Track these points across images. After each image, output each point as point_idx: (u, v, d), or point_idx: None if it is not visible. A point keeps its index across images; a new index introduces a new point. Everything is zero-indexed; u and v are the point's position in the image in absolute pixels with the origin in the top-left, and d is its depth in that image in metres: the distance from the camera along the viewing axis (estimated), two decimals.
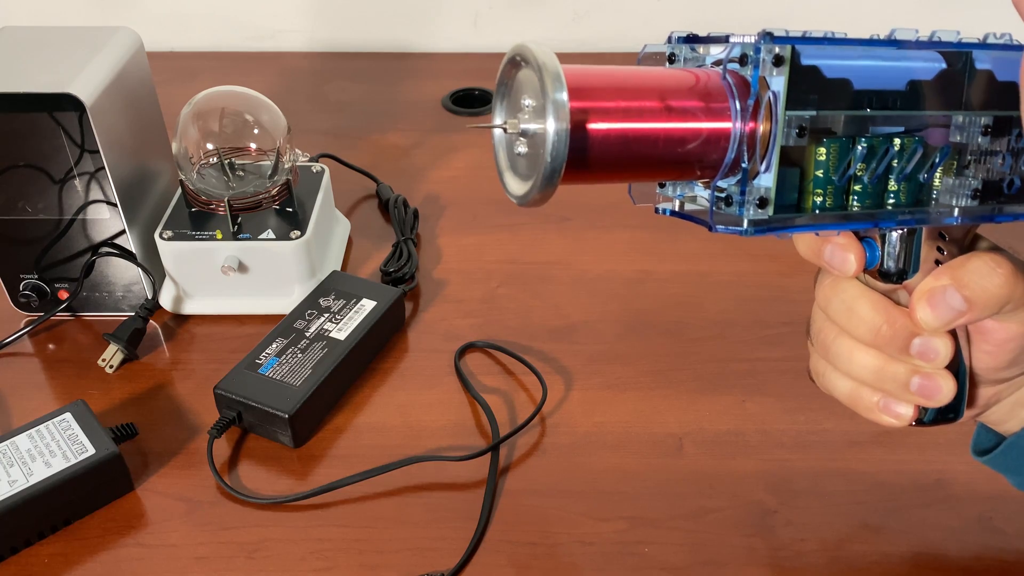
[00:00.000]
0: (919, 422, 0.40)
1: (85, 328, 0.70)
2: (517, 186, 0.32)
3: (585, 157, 0.30)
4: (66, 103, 0.60)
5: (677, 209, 0.35)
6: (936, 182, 0.35)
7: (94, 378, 0.66)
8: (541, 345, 0.68)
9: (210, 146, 0.70)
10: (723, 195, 0.32)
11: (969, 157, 0.35)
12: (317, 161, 0.81)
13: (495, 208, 0.84)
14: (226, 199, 0.68)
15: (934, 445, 0.60)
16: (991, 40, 0.35)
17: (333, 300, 0.67)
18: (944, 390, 0.38)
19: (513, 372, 0.66)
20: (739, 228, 0.32)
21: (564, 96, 0.28)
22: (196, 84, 0.73)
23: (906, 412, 0.39)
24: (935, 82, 0.34)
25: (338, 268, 0.75)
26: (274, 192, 0.70)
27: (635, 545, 0.54)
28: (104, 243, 0.68)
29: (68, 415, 0.57)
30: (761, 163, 0.31)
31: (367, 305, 0.67)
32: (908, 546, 0.54)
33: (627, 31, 1.15)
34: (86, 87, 0.61)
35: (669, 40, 0.35)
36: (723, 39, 0.32)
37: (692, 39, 0.34)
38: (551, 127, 0.29)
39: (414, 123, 0.99)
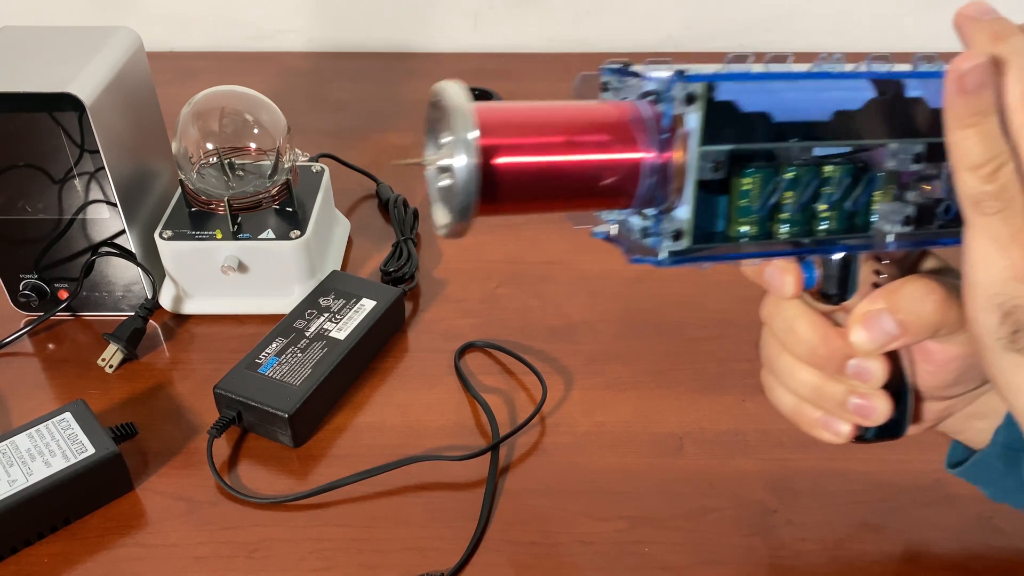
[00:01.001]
0: (860, 439, 0.41)
1: (85, 328, 0.70)
2: (441, 217, 0.33)
3: (496, 191, 0.31)
4: (66, 103, 0.60)
5: (612, 234, 0.36)
6: (875, 207, 0.35)
7: (94, 378, 0.66)
8: (541, 345, 0.68)
9: (210, 146, 0.70)
10: (641, 226, 0.33)
11: (903, 184, 0.35)
12: (317, 161, 0.81)
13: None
14: (226, 199, 0.68)
15: (934, 445, 0.59)
16: (922, 67, 0.35)
17: (333, 300, 0.67)
18: (879, 411, 0.39)
19: (513, 372, 0.66)
20: (655, 259, 0.32)
21: (471, 134, 0.29)
22: (196, 84, 0.73)
23: (845, 429, 0.40)
24: (865, 111, 0.34)
25: (338, 268, 0.75)
26: (274, 192, 0.70)
27: (635, 545, 0.54)
28: (104, 243, 0.68)
29: (68, 415, 0.57)
30: (678, 196, 0.31)
31: (367, 305, 0.67)
32: (908, 546, 0.54)
33: (628, 31, 1.15)
34: (86, 87, 0.61)
35: (602, 70, 0.35)
36: (640, 73, 0.32)
37: (622, 71, 0.34)
38: (459, 163, 0.29)
39: (414, 123, 0.99)
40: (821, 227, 0.34)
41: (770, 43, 1.12)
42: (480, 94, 1.05)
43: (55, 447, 0.55)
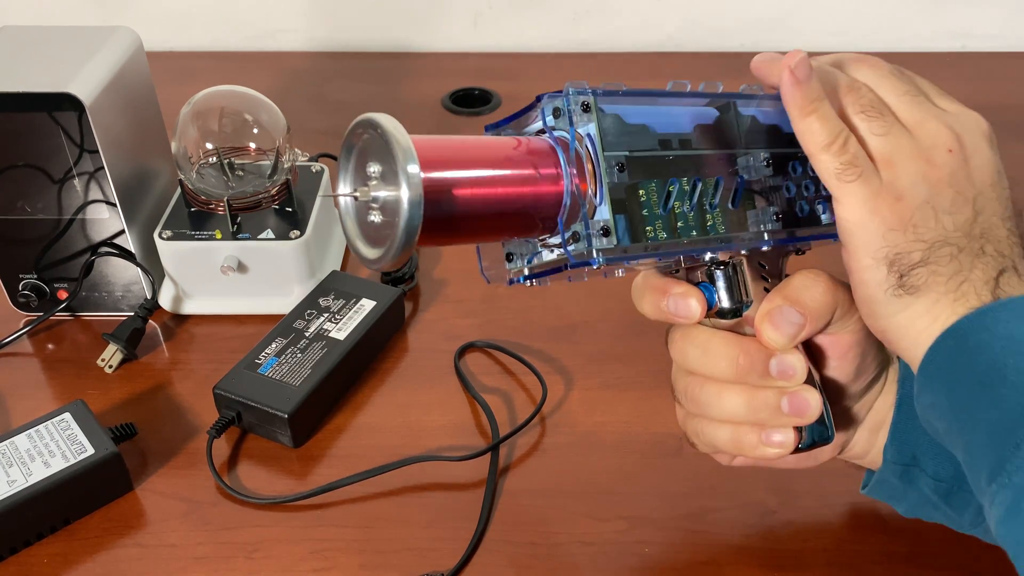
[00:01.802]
0: (797, 449, 0.42)
1: (84, 328, 0.70)
2: (370, 252, 0.34)
3: (436, 223, 0.32)
4: (65, 103, 0.60)
5: (528, 273, 0.39)
6: (749, 211, 0.40)
7: (93, 378, 0.66)
8: (541, 345, 0.68)
9: (209, 146, 0.70)
10: (570, 233, 0.36)
11: (761, 188, 0.40)
12: (317, 161, 0.81)
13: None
14: (225, 199, 0.68)
15: None
16: (744, 90, 0.41)
17: (333, 300, 0.67)
18: (812, 402, 0.41)
19: (513, 372, 0.66)
20: (592, 260, 0.35)
21: (416, 168, 0.31)
22: (196, 84, 0.73)
23: (787, 438, 0.41)
24: (716, 125, 0.39)
25: (338, 268, 0.75)
26: (273, 192, 0.70)
27: (635, 545, 0.54)
28: (103, 243, 0.68)
29: (67, 415, 0.57)
30: (596, 198, 0.35)
31: (367, 305, 0.67)
32: (908, 546, 0.54)
33: (627, 31, 1.15)
34: (85, 87, 0.61)
35: (487, 128, 0.39)
36: (532, 105, 0.37)
37: (503, 122, 0.38)
38: (405, 196, 0.30)
39: (414, 123, 0.98)
40: (710, 226, 0.39)
41: (770, 43, 1.12)
42: (480, 94, 1.05)
43: (55, 447, 0.55)
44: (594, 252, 0.35)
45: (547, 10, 1.14)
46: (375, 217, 0.33)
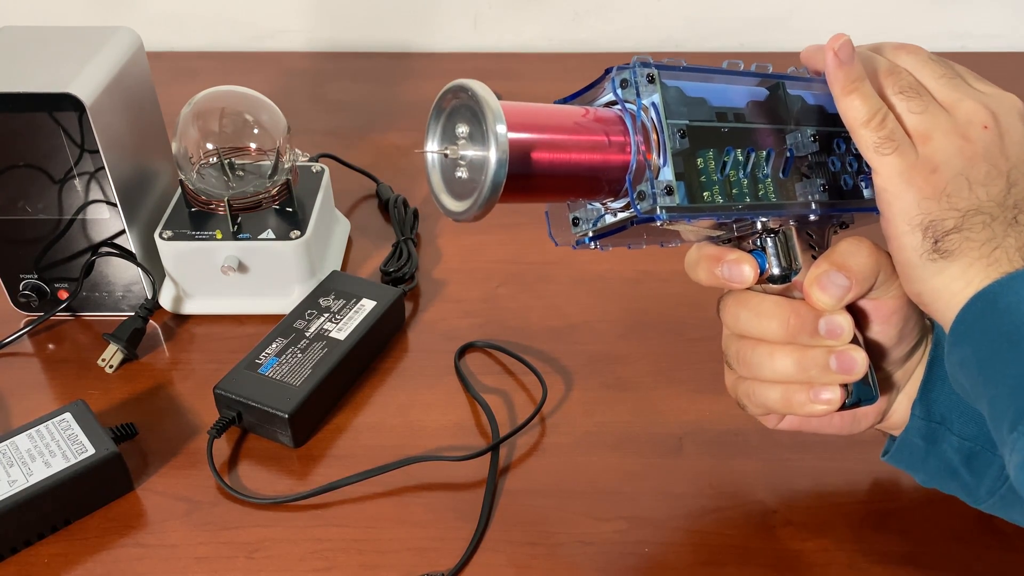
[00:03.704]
0: (843, 406, 0.45)
1: (85, 328, 0.70)
2: (455, 204, 0.37)
3: (517, 182, 0.36)
4: (66, 103, 0.60)
5: (592, 234, 0.42)
6: (798, 183, 0.43)
7: (94, 378, 0.66)
8: (541, 345, 0.68)
9: (210, 146, 0.70)
10: (636, 193, 0.39)
11: (808, 162, 0.43)
12: (317, 161, 0.81)
13: (495, 208, 0.84)
14: (226, 199, 0.68)
15: None
16: (792, 72, 0.45)
17: (333, 300, 0.67)
18: (858, 360, 0.43)
19: (513, 372, 0.66)
20: (656, 216, 0.38)
21: (503, 128, 0.34)
22: (196, 84, 0.73)
23: (835, 396, 0.44)
24: (767, 103, 0.43)
25: (338, 268, 0.75)
26: (274, 192, 0.70)
27: (635, 545, 0.54)
28: (104, 243, 0.68)
29: (68, 415, 0.57)
30: (660, 161, 0.39)
31: (367, 305, 0.67)
32: (908, 546, 0.54)
33: (627, 31, 1.15)
34: (86, 87, 0.61)
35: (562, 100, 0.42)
36: (600, 79, 0.40)
37: (572, 96, 0.42)
38: (492, 153, 0.34)
39: (414, 123, 0.99)
40: (762, 194, 0.42)
41: (770, 43, 1.12)
42: None
43: (55, 447, 0.55)
44: (658, 208, 0.38)
45: (547, 10, 1.14)
46: (461, 173, 0.36)
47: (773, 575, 0.52)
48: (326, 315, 0.66)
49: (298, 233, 0.68)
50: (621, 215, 0.41)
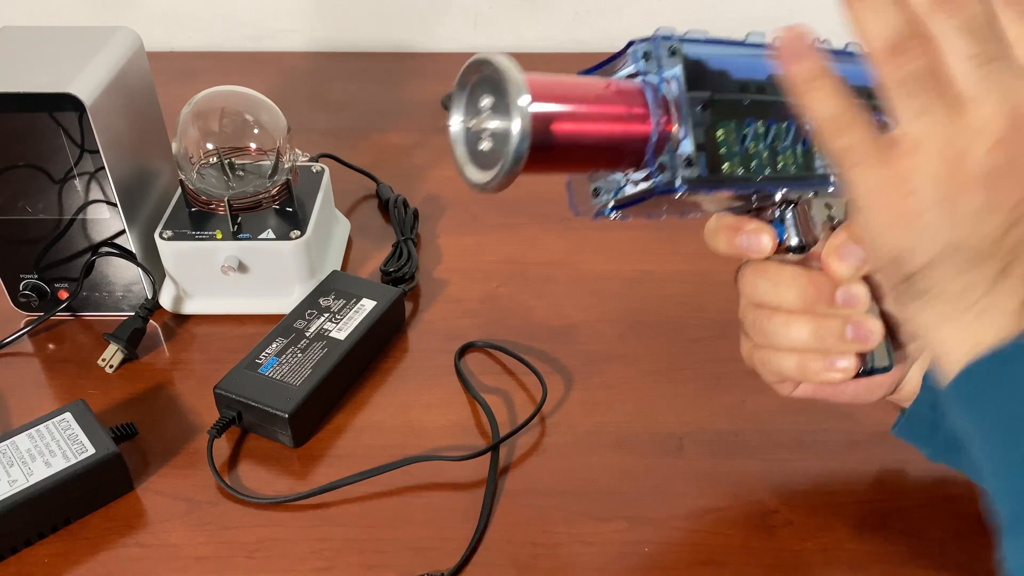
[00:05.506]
0: (859, 374, 0.45)
1: (85, 328, 0.70)
2: (479, 175, 0.37)
3: (541, 154, 0.36)
4: (66, 103, 0.60)
5: (613, 204, 0.41)
6: (817, 157, 0.43)
7: (94, 378, 0.66)
8: (541, 345, 0.68)
9: (210, 146, 0.70)
10: (656, 165, 0.39)
11: None
12: (317, 161, 0.81)
13: (495, 208, 0.84)
14: (226, 199, 0.68)
15: None
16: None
17: (333, 300, 0.67)
18: (874, 329, 0.44)
19: (513, 372, 0.66)
20: (676, 187, 0.38)
21: (527, 99, 0.34)
22: (196, 84, 0.73)
23: (850, 364, 0.44)
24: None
25: (338, 268, 0.75)
26: (274, 192, 0.70)
27: (635, 545, 0.54)
28: (104, 243, 0.68)
29: (68, 415, 0.57)
30: (680, 133, 0.38)
31: (367, 305, 0.67)
32: (908, 546, 0.54)
33: (627, 31, 1.14)
34: (86, 87, 0.61)
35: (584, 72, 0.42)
36: (622, 52, 0.40)
37: (594, 68, 0.42)
38: (516, 124, 0.34)
39: (414, 123, 0.99)
40: (781, 167, 0.42)
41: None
42: None
43: (55, 447, 0.55)
44: (678, 180, 0.38)
45: (547, 10, 1.14)
46: (485, 145, 0.37)
47: (773, 575, 0.52)
48: (326, 315, 0.66)
49: (298, 233, 0.68)
50: (642, 186, 0.41)
